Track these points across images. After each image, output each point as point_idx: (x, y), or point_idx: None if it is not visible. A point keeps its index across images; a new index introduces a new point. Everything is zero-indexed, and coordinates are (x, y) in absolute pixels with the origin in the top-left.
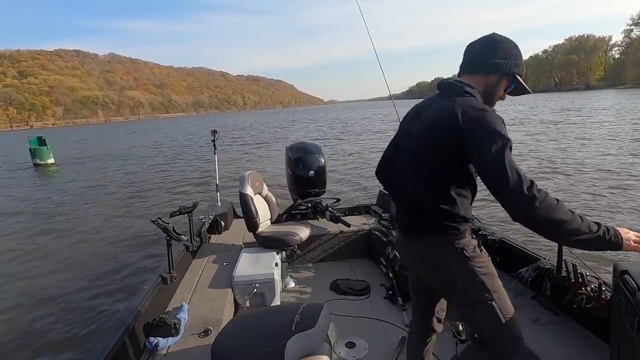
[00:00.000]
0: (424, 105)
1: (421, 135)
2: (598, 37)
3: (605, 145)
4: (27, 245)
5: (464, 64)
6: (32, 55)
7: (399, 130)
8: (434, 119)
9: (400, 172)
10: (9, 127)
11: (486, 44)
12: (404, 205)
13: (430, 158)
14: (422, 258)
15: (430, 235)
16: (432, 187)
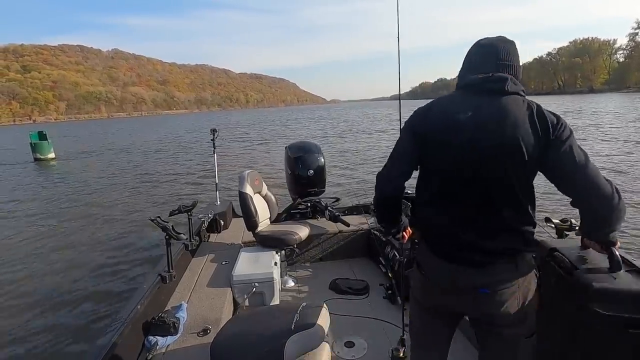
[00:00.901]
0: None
1: (499, 137)
2: (603, 40)
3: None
4: (24, 243)
5: (512, 64)
6: (35, 50)
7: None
8: (515, 119)
9: (465, 182)
10: (12, 121)
11: (507, 45)
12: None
13: (514, 168)
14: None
15: (513, 259)
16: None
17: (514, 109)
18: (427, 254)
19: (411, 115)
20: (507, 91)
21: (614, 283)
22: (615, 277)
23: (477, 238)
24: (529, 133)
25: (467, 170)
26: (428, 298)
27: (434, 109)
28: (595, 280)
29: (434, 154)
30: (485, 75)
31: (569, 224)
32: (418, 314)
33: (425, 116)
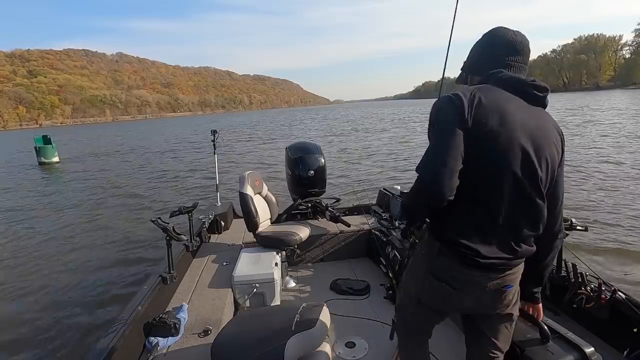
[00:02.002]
0: (527, 107)
1: (549, 151)
2: (608, 37)
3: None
4: (26, 245)
5: (528, 66)
6: (41, 55)
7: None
8: (553, 135)
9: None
10: (19, 125)
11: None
12: (516, 232)
13: (549, 181)
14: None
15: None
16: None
17: (553, 124)
18: (459, 266)
19: (449, 105)
20: (545, 104)
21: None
22: (549, 348)
23: (516, 245)
24: (559, 150)
25: (519, 179)
26: (440, 304)
27: (485, 99)
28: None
29: (484, 153)
30: (532, 81)
31: (569, 223)
32: (416, 310)
33: (475, 109)
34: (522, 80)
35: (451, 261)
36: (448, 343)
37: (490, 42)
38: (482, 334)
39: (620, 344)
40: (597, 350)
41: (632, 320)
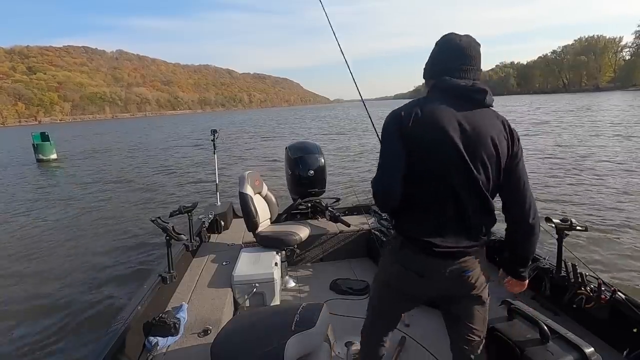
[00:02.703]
0: (464, 112)
1: (484, 149)
2: (608, 38)
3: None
4: (24, 244)
5: (478, 68)
6: (41, 52)
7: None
8: (493, 132)
9: (458, 187)
10: (17, 122)
11: (479, 48)
12: (464, 224)
13: (492, 173)
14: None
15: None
16: (488, 202)
17: (493, 121)
18: (419, 254)
19: (392, 120)
20: (486, 104)
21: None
22: (549, 349)
23: (465, 235)
24: (504, 146)
25: (457, 176)
26: (414, 292)
27: (421, 114)
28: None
29: (424, 162)
30: (467, 84)
31: (569, 223)
32: (391, 300)
33: (413, 122)
34: (462, 86)
35: (413, 252)
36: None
37: (439, 48)
38: (457, 319)
39: (620, 344)
40: (597, 351)
41: (631, 321)
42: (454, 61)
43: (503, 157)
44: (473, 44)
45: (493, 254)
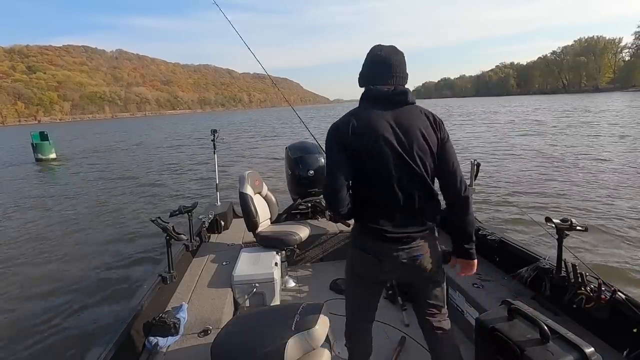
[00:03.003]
0: (380, 115)
1: (415, 141)
2: (608, 39)
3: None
4: (22, 244)
5: (405, 75)
6: (40, 51)
7: (363, 140)
8: (421, 125)
9: (399, 179)
10: (17, 121)
11: (402, 58)
12: (410, 210)
13: (427, 162)
14: (421, 257)
15: (428, 235)
16: (430, 189)
17: (419, 116)
18: (375, 241)
19: (333, 133)
20: (409, 102)
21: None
22: (549, 349)
23: (412, 222)
24: (432, 134)
25: (397, 171)
26: (374, 274)
27: (357, 123)
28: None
29: (367, 163)
30: (390, 89)
31: (569, 223)
32: (359, 286)
33: (351, 132)
34: (384, 92)
35: (369, 238)
36: None
37: (365, 61)
38: (418, 298)
39: (620, 344)
40: (597, 351)
41: (632, 321)
42: (376, 71)
43: (434, 145)
44: (392, 54)
45: (492, 254)
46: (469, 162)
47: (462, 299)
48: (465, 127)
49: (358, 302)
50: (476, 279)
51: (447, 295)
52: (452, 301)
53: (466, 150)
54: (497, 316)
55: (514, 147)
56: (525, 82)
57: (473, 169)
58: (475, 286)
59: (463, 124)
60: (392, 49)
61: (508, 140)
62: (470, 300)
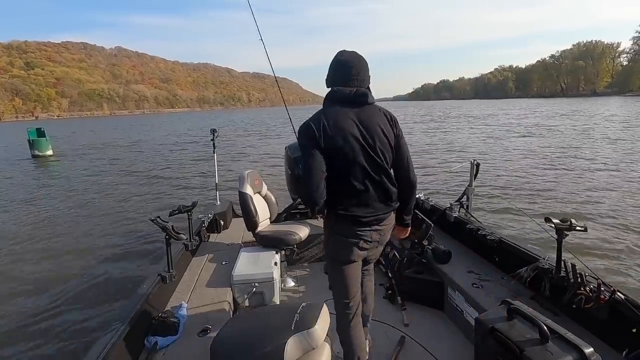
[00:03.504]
0: (346, 115)
1: (377, 136)
2: (606, 44)
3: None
4: (20, 243)
5: (366, 78)
6: (39, 47)
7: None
8: (380, 122)
9: (367, 171)
10: (14, 117)
11: (364, 63)
12: (378, 197)
13: (387, 154)
14: (388, 233)
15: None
16: (391, 177)
17: (378, 115)
18: (351, 226)
19: (306, 133)
20: (369, 102)
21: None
22: (548, 349)
23: (381, 207)
24: (390, 130)
25: (365, 163)
26: (355, 255)
27: (328, 124)
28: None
29: (340, 159)
30: (352, 91)
31: (569, 223)
32: (344, 268)
33: (323, 132)
34: (347, 93)
35: (344, 223)
36: (450, 345)
37: (330, 65)
38: (367, 271)
39: (620, 344)
40: (596, 351)
41: (631, 321)
42: (339, 75)
43: (391, 140)
44: (354, 59)
45: (492, 253)
46: (469, 162)
47: (461, 298)
48: (464, 129)
49: (347, 285)
50: (476, 278)
51: (447, 295)
52: (451, 301)
53: (466, 150)
54: (497, 316)
55: (514, 147)
56: (524, 86)
57: (473, 169)
58: (475, 286)
59: (461, 125)
60: (354, 54)
61: (508, 140)
62: (469, 300)
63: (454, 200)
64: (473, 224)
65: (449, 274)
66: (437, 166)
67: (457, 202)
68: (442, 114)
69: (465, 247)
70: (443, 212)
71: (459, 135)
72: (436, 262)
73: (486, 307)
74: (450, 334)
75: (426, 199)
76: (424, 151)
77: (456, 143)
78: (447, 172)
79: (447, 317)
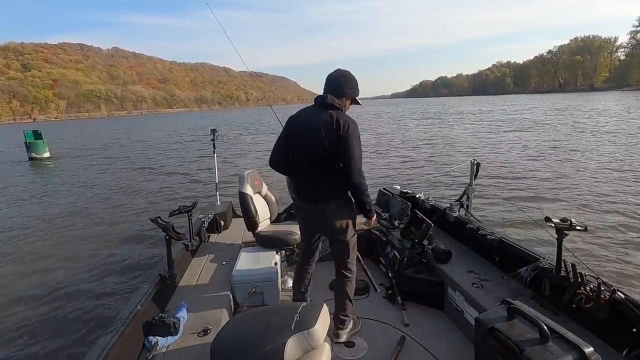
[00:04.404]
0: (307, 113)
1: (316, 135)
2: (604, 38)
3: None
4: (18, 244)
5: (329, 89)
6: (36, 49)
7: (289, 132)
8: (327, 122)
9: (301, 161)
10: (12, 119)
11: (340, 77)
12: (308, 183)
13: (328, 150)
14: (323, 214)
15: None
16: (328, 168)
17: (326, 117)
18: (301, 204)
19: (287, 120)
20: (327, 106)
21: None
22: (548, 348)
23: (319, 189)
24: (332, 131)
25: (307, 154)
26: (305, 227)
27: (296, 117)
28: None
29: (294, 146)
30: (323, 98)
31: (569, 223)
32: (303, 235)
33: (290, 124)
34: (318, 98)
35: (298, 201)
36: (450, 344)
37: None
38: (332, 247)
39: (620, 344)
40: (597, 350)
41: (631, 320)
42: (325, 86)
43: (328, 139)
44: (336, 74)
45: (492, 253)
46: (469, 162)
47: (461, 298)
48: (462, 126)
49: (303, 247)
50: (476, 278)
51: (447, 295)
52: (451, 301)
53: (466, 150)
54: (497, 316)
55: (514, 147)
56: (522, 81)
57: (473, 169)
58: (475, 286)
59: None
60: (339, 71)
61: (507, 140)
62: (469, 300)
63: (454, 200)
64: (473, 224)
65: (449, 273)
66: (437, 166)
67: (457, 202)
68: (440, 110)
69: (465, 247)
70: (443, 212)
71: (456, 132)
72: (436, 262)
73: (486, 306)
74: (450, 334)
75: (426, 199)
76: (423, 151)
77: (456, 142)
78: (447, 172)
79: (447, 317)
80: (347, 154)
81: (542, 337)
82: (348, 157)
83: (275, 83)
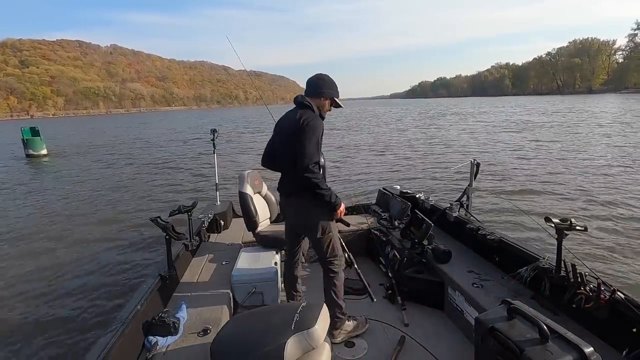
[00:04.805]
0: (288, 112)
1: (288, 132)
2: (602, 41)
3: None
4: (17, 243)
5: (307, 91)
6: (34, 45)
7: (275, 131)
8: (294, 121)
9: (278, 157)
10: (9, 116)
11: (317, 80)
12: (285, 177)
13: (291, 146)
14: (298, 210)
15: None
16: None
17: (295, 114)
18: (282, 199)
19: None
20: (300, 105)
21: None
22: (548, 348)
23: (293, 184)
24: (293, 129)
25: (282, 150)
26: (286, 221)
27: (281, 117)
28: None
29: (276, 142)
30: (299, 98)
31: (569, 223)
32: (287, 229)
33: (276, 123)
34: (295, 98)
35: (280, 197)
36: (450, 344)
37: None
38: (312, 246)
39: (620, 344)
40: (597, 350)
41: (631, 320)
42: (305, 89)
43: (293, 133)
44: (313, 78)
45: (492, 253)
46: (469, 162)
47: (461, 298)
48: (461, 126)
49: (287, 247)
50: (476, 278)
51: (447, 295)
52: (451, 301)
53: (466, 151)
54: (497, 316)
55: (514, 147)
56: (521, 83)
57: (473, 169)
58: (475, 286)
59: (459, 122)
60: (317, 75)
61: (507, 140)
62: (469, 300)
63: (454, 200)
64: (473, 224)
65: (449, 273)
66: (437, 166)
67: (457, 202)
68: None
69: (465, 247)
70: (443, 212)
71: (456, 132)
72: (436, 262)
73: (486, 306)
74: (450, 334)
75: (426, 199)
76: (423, 151)
77: (456, 142)
78: (447, 172)
79: (447, 317)
80: (298, 147)
81: (542, 337)
82: (297, 150)
83: (275, 82)
